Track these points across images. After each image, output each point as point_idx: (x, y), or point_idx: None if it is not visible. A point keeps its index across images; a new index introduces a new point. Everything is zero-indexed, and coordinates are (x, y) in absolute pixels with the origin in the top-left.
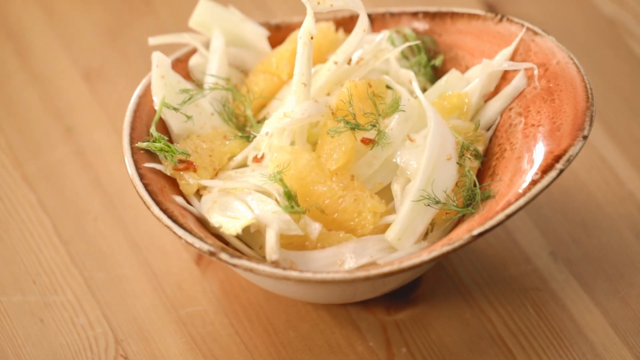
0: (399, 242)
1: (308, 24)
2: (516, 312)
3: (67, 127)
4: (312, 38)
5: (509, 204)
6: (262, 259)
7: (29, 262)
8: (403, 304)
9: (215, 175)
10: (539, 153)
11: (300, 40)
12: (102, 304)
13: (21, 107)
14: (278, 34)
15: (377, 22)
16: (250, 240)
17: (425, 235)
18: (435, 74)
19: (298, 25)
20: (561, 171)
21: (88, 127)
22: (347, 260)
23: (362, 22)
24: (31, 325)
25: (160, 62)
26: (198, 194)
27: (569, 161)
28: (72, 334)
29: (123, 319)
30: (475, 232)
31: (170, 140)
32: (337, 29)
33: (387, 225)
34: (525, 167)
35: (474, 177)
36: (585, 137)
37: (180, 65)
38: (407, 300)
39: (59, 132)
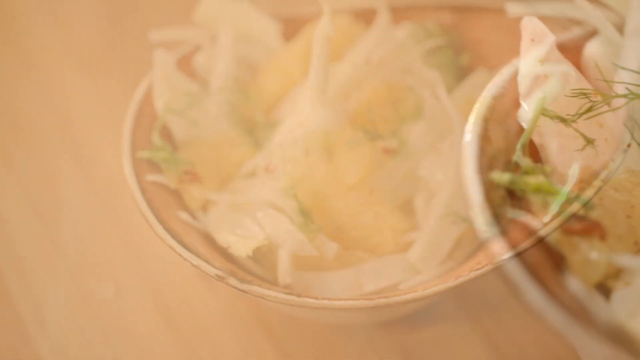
0: (423, 263)
1: (325, 25)
2: (546, 332)
3: (62, 120)
4: (329, 39)
5: (544, 224)
6: (274, 280)
7: (19, 273)
8: (425, 322)
9: (222, 184)
10: (575, 167)
11: (316, 42)
12: (100, 322)
13: (12, 100)
14: (292, 26)
15: (399, 16)
16: (261, 257)
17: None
18: (461, 71)
19: (313, 16)
20: (599, 188)
21: (85, 120)
22: (366, 282)
23: (383, 18)
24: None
25: (162, 62)
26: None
27: (608, 177)
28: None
29: (123, 339)
30: (507, 255)
31: (174, 145)
32: (355, 22)
33: (409, 243)
34: (561, 182)
35: (504, 192)
36: (626, 149)
37: (185, 64)
38: (429, 318)
39: (52, 126)
